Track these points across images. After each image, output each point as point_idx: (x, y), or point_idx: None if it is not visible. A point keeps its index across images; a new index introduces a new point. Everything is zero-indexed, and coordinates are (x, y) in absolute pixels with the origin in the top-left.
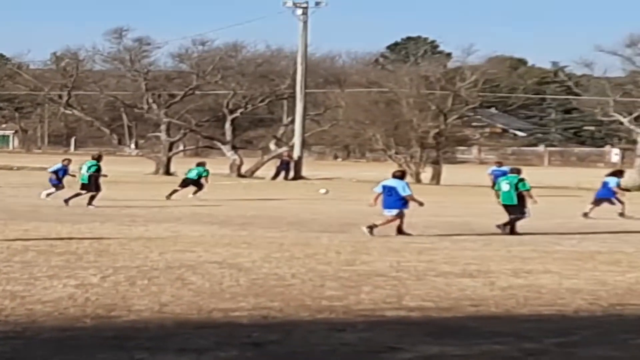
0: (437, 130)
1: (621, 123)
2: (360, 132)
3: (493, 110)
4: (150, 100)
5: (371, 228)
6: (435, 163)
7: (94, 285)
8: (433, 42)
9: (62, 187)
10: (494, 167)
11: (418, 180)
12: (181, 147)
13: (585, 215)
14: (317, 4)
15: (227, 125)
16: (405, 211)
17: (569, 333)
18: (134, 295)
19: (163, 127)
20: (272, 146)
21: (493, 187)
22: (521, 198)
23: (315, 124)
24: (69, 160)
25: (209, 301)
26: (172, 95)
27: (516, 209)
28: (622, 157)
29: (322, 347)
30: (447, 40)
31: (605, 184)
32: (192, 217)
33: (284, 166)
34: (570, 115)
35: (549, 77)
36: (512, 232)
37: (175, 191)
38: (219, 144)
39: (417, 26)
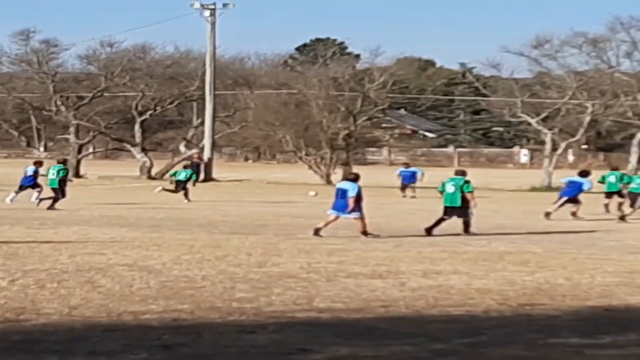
0: (346, 131)
1: (529, 124)
2: (270, 134)
3: (402, 111)
4: (59, 102)
5: (318, 231)
6: (346, 164)
7: (3, 289)
8: (341, 43)
9: (25, 190)
10: (402, 169)
11: (328, 182)
12: (91, 149)
13: (548, 215)
14: (224, 5)
15: (137, 127)
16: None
17: (478, 333)
18: (43, 299)
19: (72, 129)
20: (182, 148)
21: (402, 189)
22: (464, 199)
23: (225, 125)
24: (41, 163)
25: (119, 304)
26: (81, 97)
27: (460, 210)
28: (531, 158)
29: (232, 349)
30: (356, 41)
31: (570, 183)
32: (102, 220)
33: (194, 168)
34: (479, 116)
35: (458, 78)
36: (467, 231)
37: (170, 190)
38: (128, 146)
39: (326, 28)
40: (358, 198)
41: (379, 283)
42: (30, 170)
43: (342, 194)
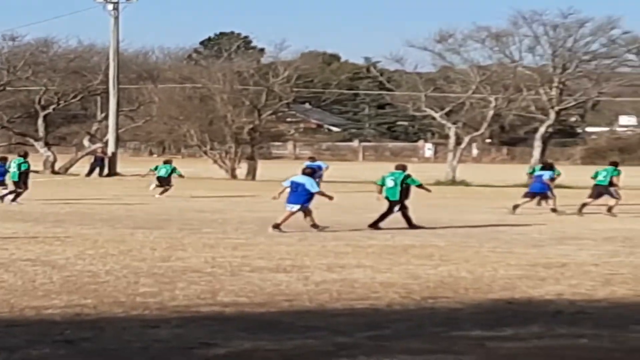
0: (251, 125)
1: (433, 118)
2: (175, 128)
3: (307, 105)
4: None
5: (277, 227)
6: (251, 159)
7: None
8: (246, 37)
9: None
10: (308, 163)
11: (233, 176)
12: None
13: (515, 207)
14: None
15: (40, 121)
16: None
17: (382, 326)
18: None
19: None
20: (86, 142)
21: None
22: (403, 193)
23: (129, 120)
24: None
25: (21, 299)
26: None
27: (398, 204)
28: (435, 152)
29: (135, 344)
30: (260, 35)
31: (538, 178)
32: (4, 215)
33: (98, 162)
34: (384, 111)
35: (362, 72)
36: (411, 226)
37: (164, 190)
38: (31, 141)
39: (230, 22)
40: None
41: (283, 277)
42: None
43: (296, 187)
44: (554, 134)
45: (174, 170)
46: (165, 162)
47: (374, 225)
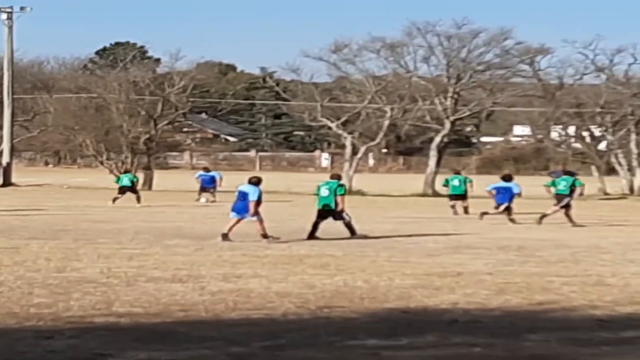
0: (147, 135)
1: (330, 128)
2: (71, 138)
3: (204, 115)
4: None
5: (225, 236)
6: (147, 169)
7: None
8: (142, 47)
9: None
10: (201, 172)
11: None
12: None
13: (482, 215)
14: (22, 9)
15: None
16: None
17: (277, 336)
18: None
19: None
20: None
21: (199, 192)
22: (337, 202)
23: (24, 129)
24: None
25: None
26: None
27: (334, 213)
28: (332, 162)
29: (28, 355)
30: (155, 45)
31: (502, 190)
32: None
33: None
34: (280, 121)
35: (258, 82)
36: (353, 234)
37: (116, 198)
38: None
39: (126, 32)
40: (258, 202)
41: (179, 287)
42: None
43: (242, 196)
44: (449, 143)
45: (135, 178)
46: (126, 172)
47: (311, 236)
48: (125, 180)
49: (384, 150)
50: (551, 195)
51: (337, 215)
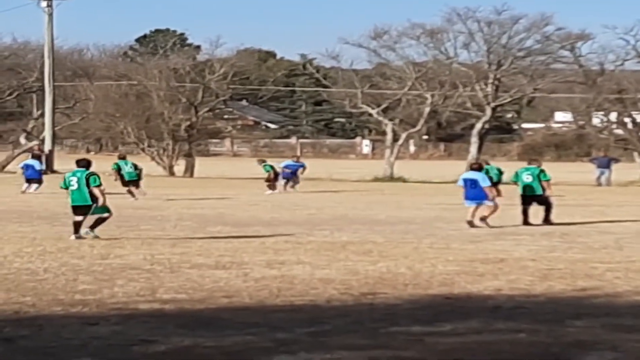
0: (188, 123)
1: (370, 115)
2: (112, 125)
3: (244, 102)
4: None
5: (471, 223)
6: (188, 156)
7: None
8: (182, 34)
9: None
10: (290, 162)
11: (171, 173)
12: None
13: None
14: None
15: None
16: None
17: (321, 322)
18: None
19: None
20: (22, 140)
21: (285, 183)
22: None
23: (65, 117)
24: None
25: None
26: None
27: (539, 198)
28: (373, 149)
29: (74, 341)
30: (195, 32)
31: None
32: None
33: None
34: (321, 107)
35: (298, 69)
36: (547, 220)
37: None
38: None
39: (165, 19)
40: (493, 185)
41: (222, 274)
42: None
43: (472, 183)
44: (490, 130)
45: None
46: (121, 158)
47: (526, 223)
48: (127, 168)
49: (425, 137)
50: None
51: (543, 200)
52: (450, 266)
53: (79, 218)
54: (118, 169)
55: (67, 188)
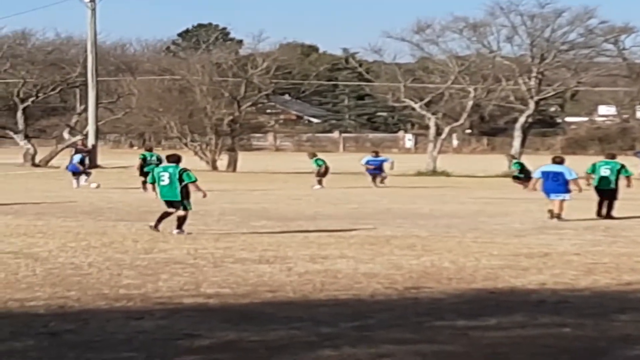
0: (231, 117)
1: (413, 109)
2: (155, 120)
3: (287, 97)
4: None
5: (558, 216)
6: (231, 150)
7: None
8: (224, 29)
9: None
10: (370, 157)
11: (214, 168)
12: None
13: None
14: None
15: (19, 114)
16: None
17: (365, 317)
18: None
19: None
20: (66, 135)
21: (373, 179)
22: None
23: (108, 112)
24: None
25: (5, 291)
26: None
27: (612, 192)
28: (416, 143)
29: (119, 336)
30: (238, 27)
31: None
32: None
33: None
34: (363, 102)
35: (341, 63)
36: (609, 214)
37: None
38: (11, 134)
39: (208, 13)
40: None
41: (266, 268)
42: None
43: (554, 176)
44: (533, 123)
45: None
46: (148, 150)
47: (599, 215)
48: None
49: (468, 131)
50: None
51: (613, 194)
52: (494, 260)
53: (171, 210)
54: (144, 159)
55: (154, 183)
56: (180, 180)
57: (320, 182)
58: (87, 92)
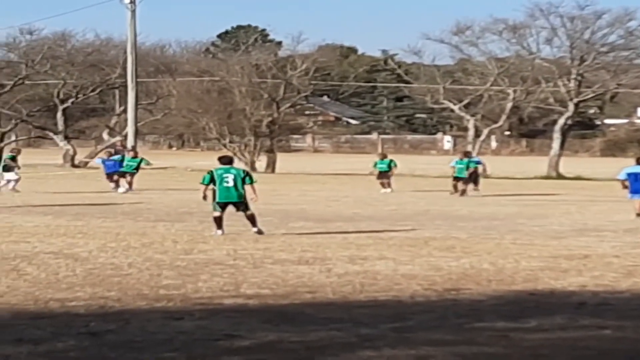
0: (270, 118)
1: (452, 110)
2: (194, 121)
3: (325, 98)
4: None
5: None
6: (270, 151)
7: None
8: (263, 30)
9: None
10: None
11: (253, 169)
12: (13, 138)
13: None
14: None
15: (59, 115)
16: None
17: (405, 318)
18: None
19: None
20: (105, 136)
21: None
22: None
23: (148, 113)
24: None
25: (45, 291)
26: (2, 85)
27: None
28: (454, 144)
29: (159, 336)
30: (277, 28)
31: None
32: (26, 208)
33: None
34: (402, 103)
35: (379, 65)
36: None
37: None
38: (51, 134)
39: (247, 15)
40: None
41: (305, 269)
42: None
43: (635, 177)
44: (572, 125)
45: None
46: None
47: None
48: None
49: (507, 133)
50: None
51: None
52: (533, 262)
53: (219, 214)
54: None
55: (208, 184)
56: (243, 181)
57: (389, 185)
58: (126, 93)
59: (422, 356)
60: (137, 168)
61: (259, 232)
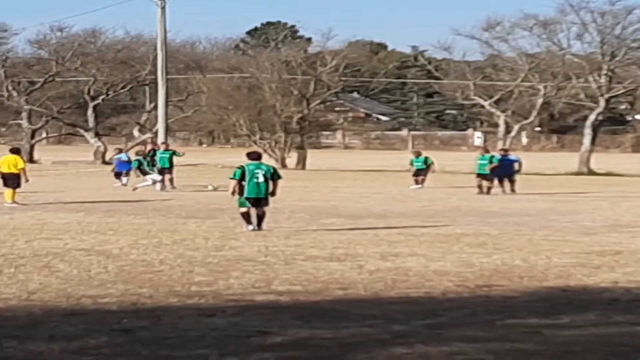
0: (300, 115)
1: (482, 106)
2: (224, 118)
3: (355, 94)
4: (10, 88)
5: None
6: (300, 148)
7: None
8: (293, 27)
9: None
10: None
11: (284, 166)
12: (44, 135)
13: None
14: None
15: (90, 112)
16: None
17: (437, 315)
18: (1, 284)
19: (24, 114)
20: (135, 133)
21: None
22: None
23: (178, 110)
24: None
25: (78, 288)
26: (32, 82)
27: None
28: (485, 140)
29: (191, 333)
30: (307, 25)
31: None
32: (58, 205)
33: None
34: (432, 99)
35: (410, 61)
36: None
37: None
38: (82, 131)
39: (276, 11)
40: None
41: (337, 266)
42: None
43: None
44: (603, 121)
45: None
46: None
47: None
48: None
49: (538, 129)
50: None
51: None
52: (565, 258)
53: (247, 210)
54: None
55: (239, 179)
56: (272, 177)
57: (423, 182)
58: (156, 90)
59: (455, 353)
60: (171, 162)
61: (260, 229)
